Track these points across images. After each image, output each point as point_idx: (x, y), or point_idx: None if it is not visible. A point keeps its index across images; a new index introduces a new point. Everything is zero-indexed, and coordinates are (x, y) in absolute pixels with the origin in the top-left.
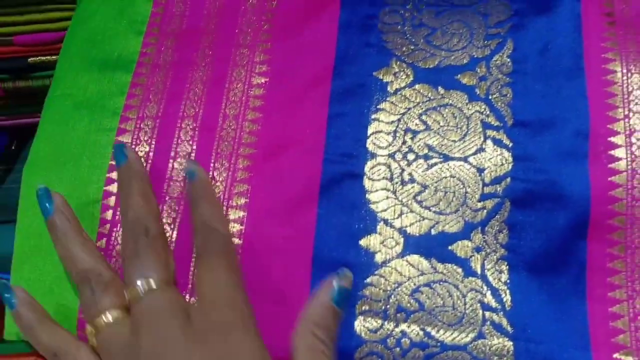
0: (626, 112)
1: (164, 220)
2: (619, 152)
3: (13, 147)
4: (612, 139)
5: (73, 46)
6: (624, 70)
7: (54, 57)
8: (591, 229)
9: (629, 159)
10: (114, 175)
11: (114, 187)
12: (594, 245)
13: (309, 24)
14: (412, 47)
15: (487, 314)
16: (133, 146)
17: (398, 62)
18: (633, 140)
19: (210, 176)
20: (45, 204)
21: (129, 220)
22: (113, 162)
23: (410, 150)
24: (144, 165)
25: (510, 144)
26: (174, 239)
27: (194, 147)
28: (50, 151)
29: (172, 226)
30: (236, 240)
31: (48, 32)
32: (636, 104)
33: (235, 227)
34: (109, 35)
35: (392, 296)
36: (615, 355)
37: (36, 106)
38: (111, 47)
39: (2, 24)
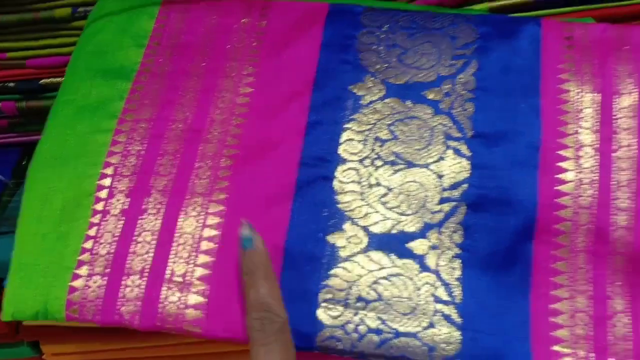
0: (576, 128)
1: (150, 212)
2: (567, 164)
3: (24, 162)
4: (562, 152)
5: (79, 59)
6: (577, 90)
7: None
8: (537, 232)
9: (576, 170)
10: (108, 171)
11: (106, 182)
12: (540, 247)
13: (294, 42)
14: (386, 65)
15: (439, 305)
16: (126, 145)
17: (372, 78)
18: (581, 153)
19: (195, 174)
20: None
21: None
22: (108, 159)
23: (378, 157)
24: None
25: (469, 154)
26: (157, 229)
27: (181, 146)
28: (53, 151)
29: (156, 216)
30: (214, 232)
31: (59, 56)
32: (586, 121)
33: (214, 220)
34: (113, 49)
35: (354, 287)
36: (553, 348)
37: None
38: (115, 58)
39: (16, 49)
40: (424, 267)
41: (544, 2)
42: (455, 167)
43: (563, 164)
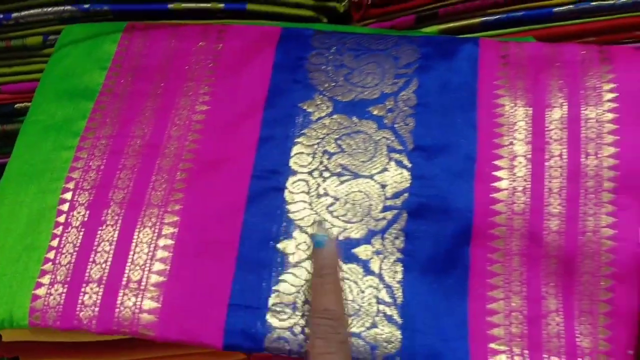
0: (510, 140)
1: (109, 223)
2: (502, 174)
3: None
4: (497, 162)
5: (47, 82)
6: (512, 105)
7: None
8: (474, 237)
9: (510, 179)
10: (70, 185)
11: (68, 195)
12: (477, 251)
13: (247, 63)
14: (333, 84)
15: (381, 307)
16: (87, 161)
17: (320, 96)
18: (515, 163)
19: (151, 187)
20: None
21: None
22: (70, 174)
23: (326, 169)
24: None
25: (410, 165)
26: (115, 239)
27: (138, 161)
28: (21, 168)
29: (114, 227)
30: (169, 241)
31: (32, 82)
32: (519, 133)
33: (169, 230)
34: (78, 72)
35: (301, 291)
36: (490, 345)
37: None
38: (79, 80)
39: None
40: (368, 271)
41: (490, 24)
42: (397, 177)
43: (498, 173)
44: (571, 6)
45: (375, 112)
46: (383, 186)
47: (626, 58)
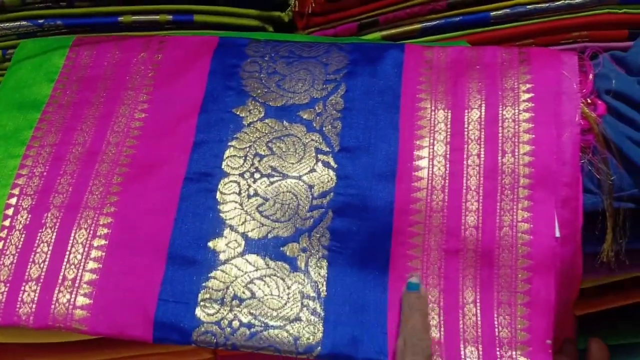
0: (431, 141)
1: (48, 225)
2: (422, 173)
3: None
4: (417, 162)
5: (2, 93)
6: (432, 107)
7: None
8: (394, 234)
9: (429, 178)
10: (15, 191)
11: (13, 201)
12: (397, 247)
13: (185, 72)
14: (266, 90)
15: (306, 301)
16: (32, 168)
17: (253, 102)
18: (435, 163)
19: (89, 190)
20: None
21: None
22: (16, 181)
23: (257, 170)
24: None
25: (336, 166)
26: (53, 240)
27: (78, 167)
28: None
29: (53, 229)
30: (103, 242)
31: None
32: (440, 134)
33: (103, 231)
34: (29, 84)
35: (230, 287)
36: None
37: None
38: (29, 92)
39: None
40: (295, 268)
41: (430, 29)
42: (323, 177)
43: (418, 173)
44: (507, 10)
45: (304, 116)
46: (310, 187)
47: (543, 59)
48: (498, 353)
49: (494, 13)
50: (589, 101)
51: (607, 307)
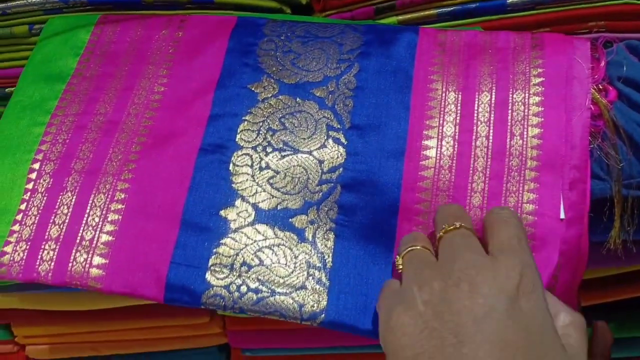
0: (441, 121)
1: (69, 189)
2: (430, 152)
3: None
4: (426, 142)
5: (30, 67)
6: (443, 88)
7: None
8: (401, 210)
9: (437, 157)
10: (39, 156)
11: (36, 165)
12: (403, 223)
13: (203, 49)
14: (280, 68)
15: (311, 270)
16: (55, 135)
17: (268, 79)
18: (443, 143)
19: (108, 157)
20: None
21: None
22: (40, 147)
23: (269, 144)
24: None
25: (346, 142)
26: (73, 203)
27: (99, 135)
28: (1, 142)
29: (73, 192)
30: (120, 206)
31: (21, 67)
32: (449, 115)
33: (121, 196)
34: (55, 58)
35: (239, 254)
36: None
37: None
38: (55, 65)
39: None
40: (302, 239)
41: (446, 15)
42: (333, 153)
43: (426, 152)
44: None
45: (317, 94)
46: (320, 162)
47: (555, 44)
48: None
49: (510, 0)
50: (601, 87)
51: (611, 299)
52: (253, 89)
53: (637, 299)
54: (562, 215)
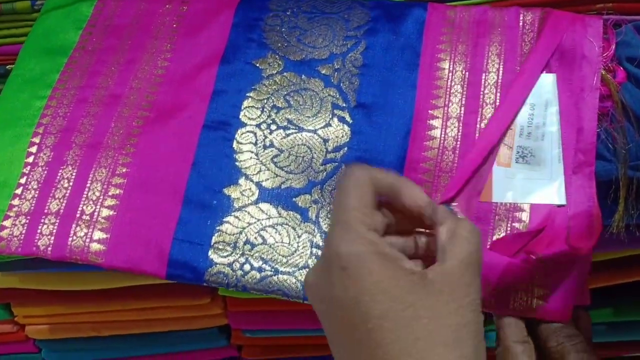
0: (446, 102)
1: (69, 163)
2: (435, 133)
3: None
4: (431, 122)
5: (31, 40)
6: (451, 67)
7: None
8: None
9: (442, 138)
10: (40, 130)
11: (37, 139)
12: None
13: (208, 24)
14: (286, 44)
15: (315, 250)
16: (56, 109)
17: (273, 55)
18: (448, 124)
19: (110, 131)
20: None
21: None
22: (41, 120)
23: (274, 122)
24: None
25: (351, 121)
26: (73, 177)
27: (101, 109)
28: (2, 115)
29: (74, 166)
30: (121, 180)
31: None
32: (455, 95)
33: (122, 170)
34: (57, 31)
35: (243, 233)
36: None
37: None
38: (57, 38)
39: None
40: (306, 218)
41: None
42: (338, 132)
43: (431, 132)
44: None
45: (323, 71)
46: (325, 140)
47: (566, 21)
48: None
49: None
50: (610, 67)
51: (612, 283)
52: (258, 65)
53: (634, 283)
54: (564, 202)
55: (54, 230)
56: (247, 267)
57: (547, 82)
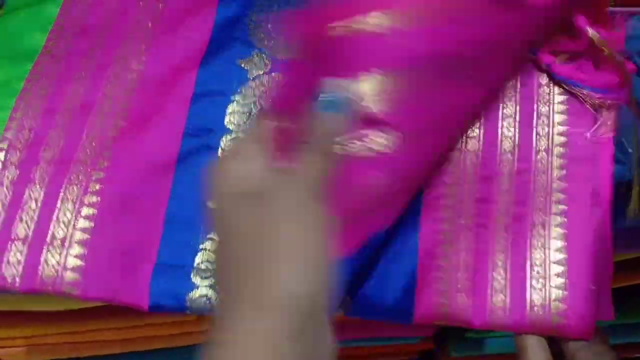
0: None
1: (37, 181)
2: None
3: None
4: None
5: None
6: None
7: None
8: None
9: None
10: (3, 145)
11: (1, 155)
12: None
13: (187, 21)
14: (273, 42)
15: None
16: (21, 121)
17: (259, 54)
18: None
19: (81, 144)
20: None
21: None
22: (5, 134)
23: None
24: None
25: None
26: (41, 197)
27: (70, 119)
28: None
29: (42, 185)
30: (95, 198)
31: None
32: None
33: (95, 187)
34: (21, 34)
35: None
36: None
37: None
38: (21, 42)
39: None
40: None
41: None
42: None
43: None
44: None
45: None
46: None
47: None
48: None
49: None
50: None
51: (618, 285)
52: (243, 65)
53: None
54: None
55: (22, 259)
56: None
57: None
